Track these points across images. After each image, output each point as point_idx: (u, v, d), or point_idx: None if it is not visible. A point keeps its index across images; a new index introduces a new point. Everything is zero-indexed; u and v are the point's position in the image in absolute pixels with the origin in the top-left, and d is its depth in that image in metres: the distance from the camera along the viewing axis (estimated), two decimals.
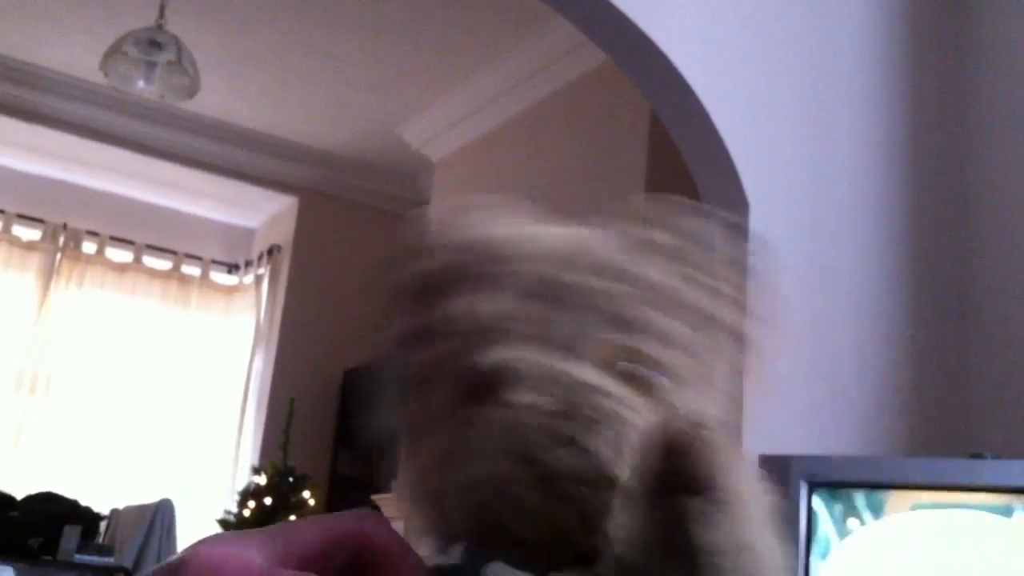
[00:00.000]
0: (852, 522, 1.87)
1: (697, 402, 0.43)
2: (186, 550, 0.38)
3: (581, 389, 0.40)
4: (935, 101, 2.76)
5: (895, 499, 1.86)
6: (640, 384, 0.41)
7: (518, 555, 0.39)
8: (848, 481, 1.88)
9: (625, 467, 0.39)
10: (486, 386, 0.41)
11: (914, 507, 1.85)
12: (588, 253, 0.45)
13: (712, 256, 0.46)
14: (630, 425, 0.40)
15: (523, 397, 0.40)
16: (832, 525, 1.88)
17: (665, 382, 0.42)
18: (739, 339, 0.46)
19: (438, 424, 0.43)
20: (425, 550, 0.42)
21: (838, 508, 1.88)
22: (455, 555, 0.41)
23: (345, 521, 0.42)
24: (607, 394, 0.40)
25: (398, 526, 0.43)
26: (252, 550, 0.39)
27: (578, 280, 0.44)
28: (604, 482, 0.38)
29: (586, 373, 0.41)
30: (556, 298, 0.43)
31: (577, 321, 0.42)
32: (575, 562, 0.39)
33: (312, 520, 0.42)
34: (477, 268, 0.44)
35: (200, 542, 0.39)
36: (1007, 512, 1.81)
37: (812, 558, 1.87)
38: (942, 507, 1.83)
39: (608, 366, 0.41)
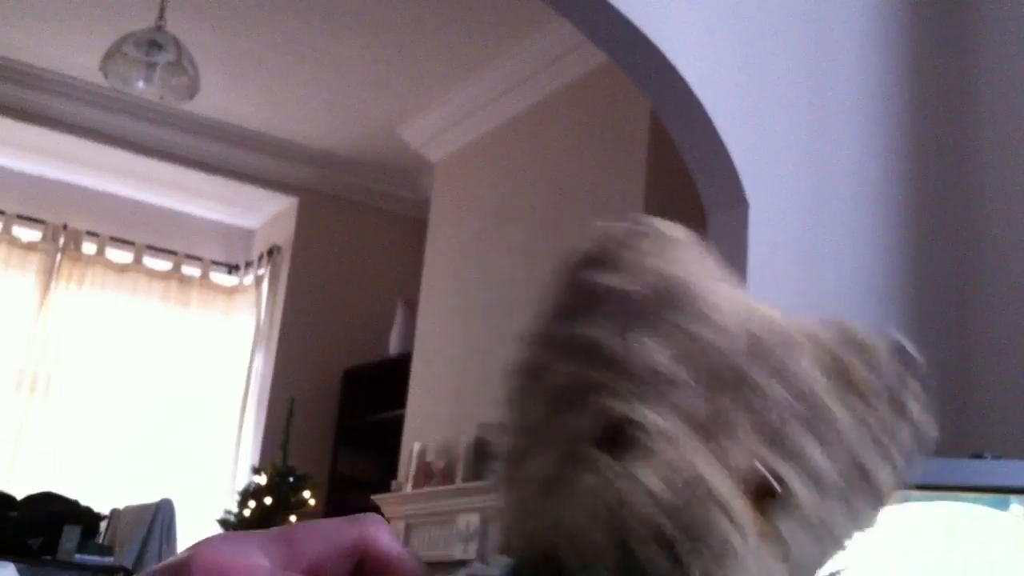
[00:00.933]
0: None
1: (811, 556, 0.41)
2: (189, 549, 0.38)
3: (708, 500, 0.38)
4: (935, 101, 2.76)
5: (895, 499, 1.86)
6: (765, 515, 0.39)
7: None
8: None
9: None
10: (619, 439, 0.39)
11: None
12: (784, 353, 0.42)
13: (899, 412, 0.43)
14: (735, 562, 0.37)
15: (648, 477, 0.38)
16: None
17: (790, 525, 0.39)
18: (877, 504, 0.43)
19: (556, 444, 0.41)
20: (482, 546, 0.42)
21: None
22: (496, 565, 0.41)
23: (349, 526, 0.41)
24: (731, 518, 0.38)
25: (398, 527, 0.43)
26: (257, 552, 0.39)
27: (759, 378, 0.41)
28: None
29: (721, 483, 0.38)
30: (729, 386, 0.40)
31: (738, 420, 0.40)
32: None
33: (316, 524, 0.42)
34: (669, 313, 0.42)
35: (203, 542, 0.39)
36: (1007, 512, 1.81)
37: None
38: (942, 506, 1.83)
39: (745, 481, 0.39)
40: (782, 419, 0.40)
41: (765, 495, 0.39)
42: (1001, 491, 1.82)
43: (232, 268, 6.29)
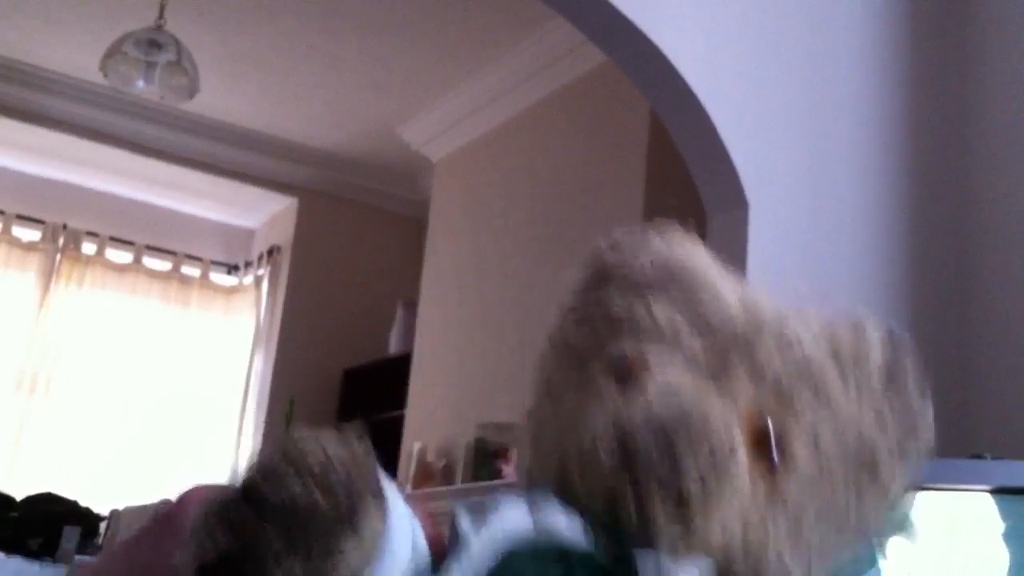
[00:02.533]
0: None
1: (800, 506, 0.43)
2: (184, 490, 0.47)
3: (705, 418, 0.41)
4: (935, 101, 2.76)
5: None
6: (762, 456, 0.42)
7: (576, 513, 0.41)
8: None
9: (701, 509, 0.39)
10: (631, 373, 0.44)
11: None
12: (780, 323, 0.46)
13: (895, 387, 0.46)
14: (727, 479, 0.40)
15: (653, 392, 0.42)
16: None
17: (788, 477, 0.42)
18: (871, 470, 0.45)
19: (574, 387, 0.46)
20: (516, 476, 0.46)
21: None
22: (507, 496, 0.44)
23: None
24: (732, 448, 0.41)
25: None
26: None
27: (757, 339, 0.45)
28: (680, 504, 0.39)
29: (725, 414, 0.42)
30: (733, 341, 0.45)
31: (738, 371, 0.44)
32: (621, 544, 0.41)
33: None
34: (671, 283, 0.48)
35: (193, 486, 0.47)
36: (1006, 511, 1.81)
37: None
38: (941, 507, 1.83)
39: (747, 422, 0.42)
40: (781, 378, 0.44)
41: (763, 444, 0.42)
42: (1001, 491, 1.82)
43: (232, 268, 6.29)
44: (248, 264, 6.22)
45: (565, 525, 0.39)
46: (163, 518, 0.46)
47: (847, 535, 0.44)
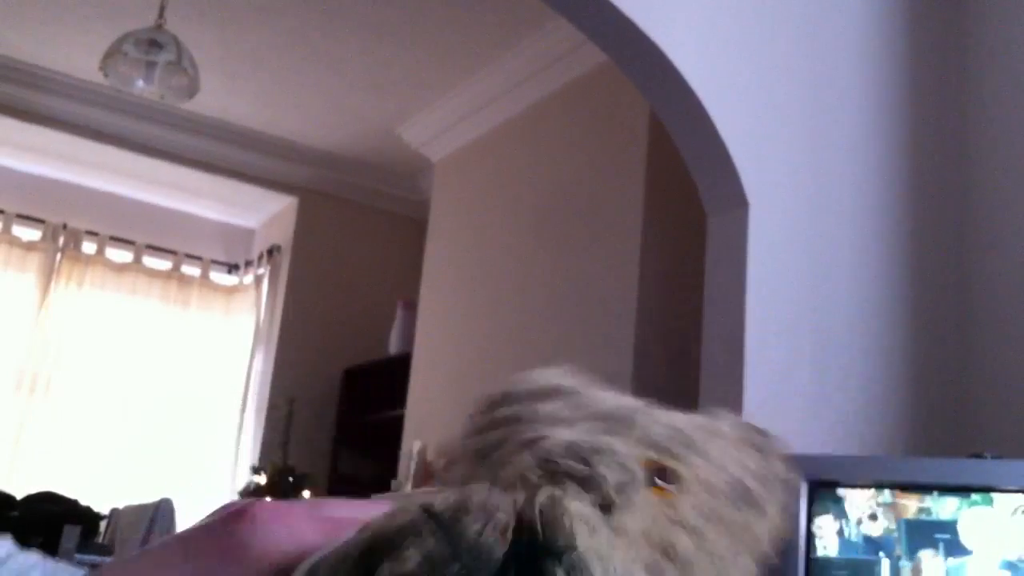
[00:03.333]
0: (852, 522, 1.87)
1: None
2: (233, 503, 0.41)
3: (610, 444, 0.46)
4: (935, 101, 2.76)
5: (898, 498, 1.86)
6: (658, 485, 0.48)
7: None
8: (848, 481, 1.88)
9: (620, 503, 0.44)
10: (533, 443, 0.49)
11: (917, 506, 1.85)
12: (659, 412, 0.54)
13: (758, 446, 0.55)
14: (636, 485, 0.45)
15: (566, 439, 0.48)
16: (832, 525, 1.88)
17: (677, 499, 0.48)
18: (751, 501, 0.53)
19: (486, 474, 0.50)
20: None
21: (837, 508, 1.88)
22: None
23: (376, 504, 0.45)
24: (635, 464, 0.46)
25: None
26: (306, 505, 0.43)
27: (639, 418, 0.52)
28: (600, 499, 0.44)
29: (619, 443, 0.48)
30: (616, 421, 0.52)
31: (630, 433, 0.50)
32: None
33: (343, 501, 0.45)
34: (561, 396, 0.55)
35: (236, 502, 0.42)
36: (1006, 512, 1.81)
37: (812, 557, 1.87)
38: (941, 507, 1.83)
39: (642, 462, 0.48)
40: (660, 440, 0.51)
41: (658, 476, 0.48)
42: (1000, 491, 1.82)
43: (232, 268, 6.29)
44: (248, 264, 6.22)
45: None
46: (220, 540, 0.41)
47: (738, 552, 0.51)
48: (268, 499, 0.43)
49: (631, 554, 0.43)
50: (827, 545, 1.86)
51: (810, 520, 1.86)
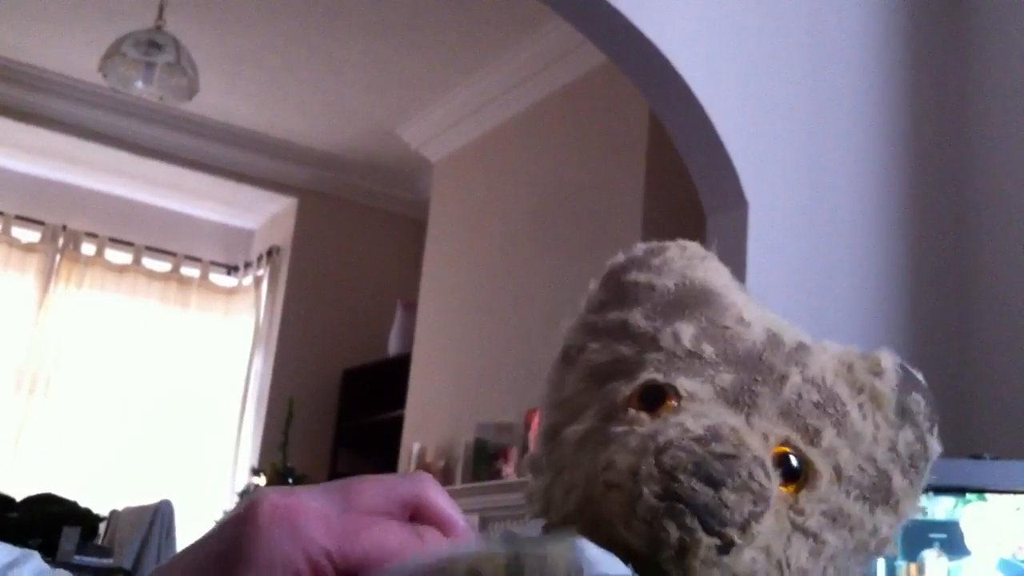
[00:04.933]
0: None
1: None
2: (248, 498, 0.39)
3: (743, 448, 0.41)
4: (934, 101, 2.76)
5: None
6: (786, 480, 0.43)
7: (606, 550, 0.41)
8: None
9: (742, 543, 0.40)
10: (659, 399, 0.44)
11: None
12: (800, 350, 0.47)
13: (906, 417, 0.48)
14: (768, 517, 0.41)
15: (689, 421, 0.42)
16: None
17: (811, 503, 0.44)
18: (884, 495, 0.47)
19: (596, 410, 0.45)
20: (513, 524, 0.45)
21: None
22: (531, 530, 0.43)
23: (406, 482, 0.43)
24: (765, 472, 0.41)
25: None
26: (322, 501, 0.40)
27: (779, 365, 0.46)
28: (719, 535, 0.39)
29: (753, 439, 0.42)
30: (760, 374, 0.45)
31: (763, 398, 0.45)
32: None
33: (373, 478, 0.43)
34: (694, 305, 0.48)
35: (260, 492, 0.39)
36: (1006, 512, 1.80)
37: None
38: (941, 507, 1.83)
39: (774, 452, 0.43)
40: (806, 414, 0.45)
41: (789, 472, 0.43)
42: (1000, 491, 1.82)
43: (231, 269, 6.29)
44: (248, 265, 6.21)
45: (604, 558, 0.39)
46: (229, 543, 0.39)
47: (861, 554, 0.46)
48: (276, 493, 0.41)
49: None
50: None
51: None
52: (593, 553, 0.38)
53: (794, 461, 0.43)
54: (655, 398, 0.44)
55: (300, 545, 0.38)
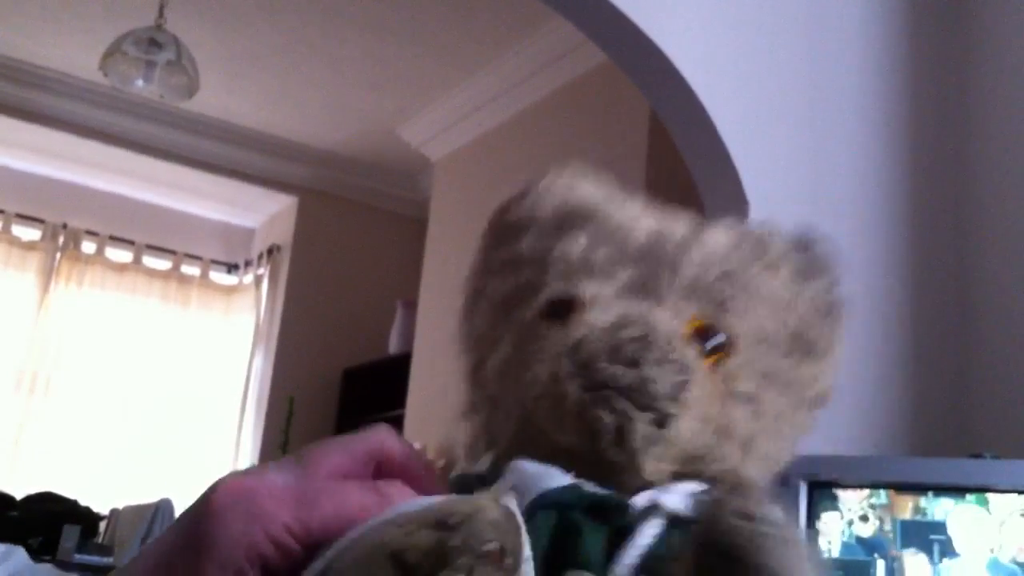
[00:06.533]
0: (845, 523, 1.87)
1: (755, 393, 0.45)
2: (210, 486, 0.39)
3: (654, 327, 0.42)
4: (936, 102, 2.76)
5: (895, 499, 1.86)
6: (708, 352, 0.43)
7: (551, 463, 0.41)
8: (848, 481, 1.88)
9: (677, 413, 0.40)
10: (565, 309, 0.44)
11: (913, 507, 1.85)
12: (691, 233, 0.49)
13: (806, 274, 0.50)
14: (691, 380, 0.41)
15: (597, 318, 0.43)
16: (831, 525, 1.88)
17: (730, 363, 0.44)
18: (805, 346, 0.48)
19: (510, 337, 0.46)
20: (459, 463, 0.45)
21: (837, 508, 1.88)
22: (481, 465, 0.43)
23: (365, 440, 0.43)
24: (677, 343, 0.42)
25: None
26: (274, 472, 0.40)
27: (675, 252, 0.47)
28: (652, 411, 0.40)
29: (662, 317, 0.43)
30: (658, 264, 0.46)
31: (664, 283, 0.45)
32: (599, 476, 0.41)
33: (333, 443, 0.43)
34: (578, 221, 0.49)
35: (222, 477, 0.39)
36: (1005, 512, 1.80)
37: None
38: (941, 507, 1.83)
39: (687, 330, 0.44)
40: (711, 288, 0.46)
41: (705, 339, 0.44)
42: (1000, 491, 1.82)
43: (232, 267, 6.29)
44: (248, 263, 6.22)
45: (541, 474, 0.40)
46: (189, 533, 0.38)
47: (796, 406, 0.47)
48: (234, 477, 0.41)
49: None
50: (829, 543, 1.86)
51: (810, 521, 1.86)
52: (530, 472, 0.38)
53: (710, 331, 0.44)
54: (560, 310, 0.44)
55: (259, 524, 0.38)
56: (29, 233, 5.75)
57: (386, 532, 0.36)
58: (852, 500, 1.86)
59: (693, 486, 0.40)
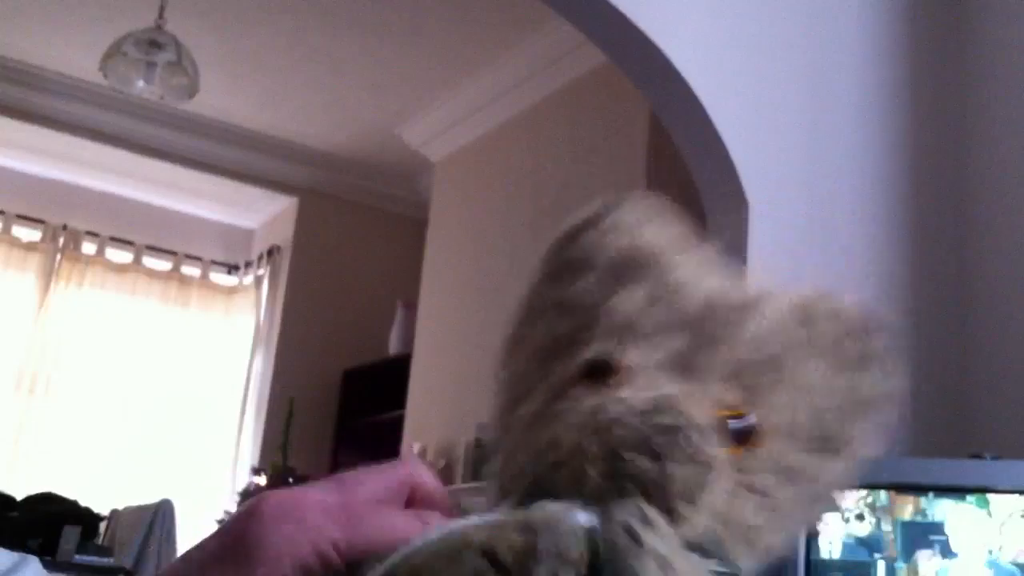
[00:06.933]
0: (843, 523, 1.87)
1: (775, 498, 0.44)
2: (255, 497, 0.40)
3: (688, 419, 0.41)
4: (935, 100, 2.76)
5: (895, 499, 1.86)
6: (735, 452, 0.43)
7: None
8: None
9: (690, 516, 0.40)
10: (601, 376, 0.43)
11: (914, 507, 1.85)
12: (743, 310, 0.47)
13: (865, 363, 0.48)
14: (713, 484, 0.41)
15: (632, 397, 0.42)
16: (831, 525, 1.88)
17: (761, 463, 0.43)
18: (836, 444, 0.46)
19: (543, 389, 0.45)
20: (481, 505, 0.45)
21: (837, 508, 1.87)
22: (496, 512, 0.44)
23: (396, 469, 0.44)
24: (709, 442, 0.41)
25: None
26: (325, 493, 0.42)
27: (724, 327, 0.45)
28: (667, 511, 0.40)
29: (698, 409, 0.42)
30: (709, 337, 0.45)
31: (706, 363, 0.44)
32: None
33: (365, 469, 0.44)
34: (634, 275, 0.47)
35: (262, 494, 0.41)
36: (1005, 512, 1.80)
37: (812, 557, 1.87)
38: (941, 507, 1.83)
39: (718, 416, 0.43)
40: (747, 365, 0.45)
41: (734, 434, 0.43)
42: (1000, 491, 1.82)
43: (232, 268, 6.29)
44: (248, 264, 6.22)
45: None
46: (236, 539, 0.39)
47: (811, 503, 0.46)
48: (279, 491, 0.42)
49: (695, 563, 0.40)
50: (830, 542, 1.86)
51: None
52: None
53: (738, 423, 0.43)
54: (599, 372, 0.44)
55: (307, 536, 0.39)
56: (29, 234, 5.75)
57: (469, 532, 0.37)
58: (849, 499, 1.86)
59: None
